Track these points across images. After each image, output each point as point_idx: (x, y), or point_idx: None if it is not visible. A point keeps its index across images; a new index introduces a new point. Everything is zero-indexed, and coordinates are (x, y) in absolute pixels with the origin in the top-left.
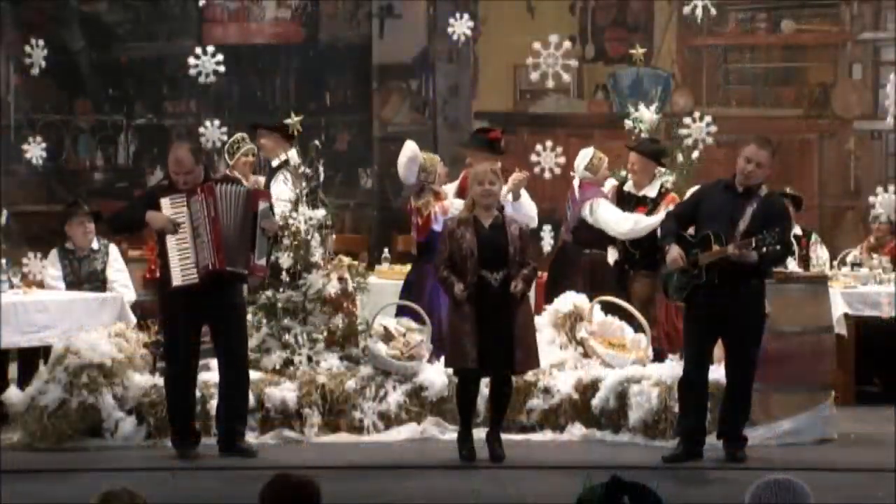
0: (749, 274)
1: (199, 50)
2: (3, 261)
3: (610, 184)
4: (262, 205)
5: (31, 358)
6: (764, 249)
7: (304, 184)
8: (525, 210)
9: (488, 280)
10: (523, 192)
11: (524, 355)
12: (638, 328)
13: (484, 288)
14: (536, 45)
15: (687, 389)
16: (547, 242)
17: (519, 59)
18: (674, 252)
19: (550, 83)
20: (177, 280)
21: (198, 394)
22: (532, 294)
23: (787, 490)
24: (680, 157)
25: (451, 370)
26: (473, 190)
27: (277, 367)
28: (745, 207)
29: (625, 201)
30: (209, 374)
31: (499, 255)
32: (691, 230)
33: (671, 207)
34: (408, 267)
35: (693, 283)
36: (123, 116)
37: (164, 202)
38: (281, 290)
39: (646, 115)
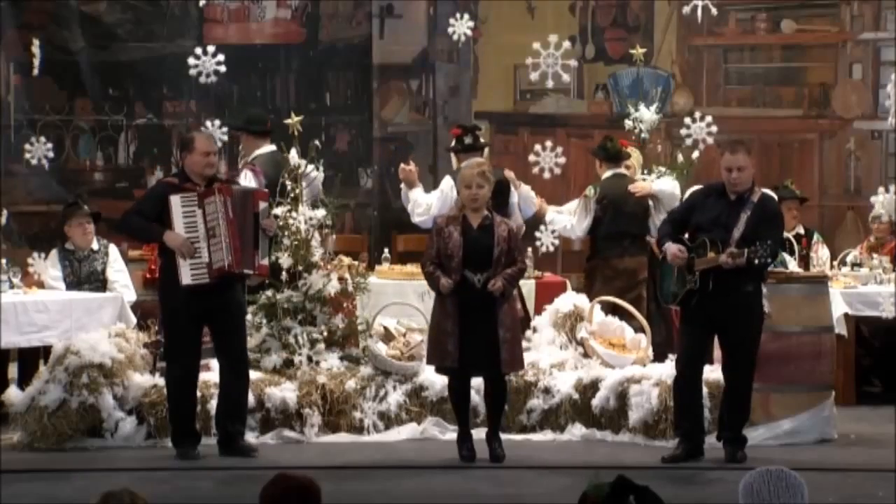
0: (745, 279)
1: (199, 50)
2: (3, 261)
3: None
4: (261, 205)
5: (31, 358)
6: (756, 262)
7: (304, 184)
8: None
9: (471, 280)
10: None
11: (509, 356)
12: (638, 328)
13: (467, 288)
14: (536, 45)
15: (681, 390)
16: (548, 243)
17: (519, 59)
18: (672, 248)
19: (550, 83)
20: (186, 279)
21: (198, 394)
22: (532, 295)
23: (781, 480)
24: (680, 157)
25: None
26: (461, 193)
27: (277, 367)
28: (739, 214)
29: None
30: (209, 374)
31: (483, 256)
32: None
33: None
34: (408, 267)
35: (687, 289)
36: (123, 116)
37: (175, 200)
38: (282, 290)
39: (646, 115)
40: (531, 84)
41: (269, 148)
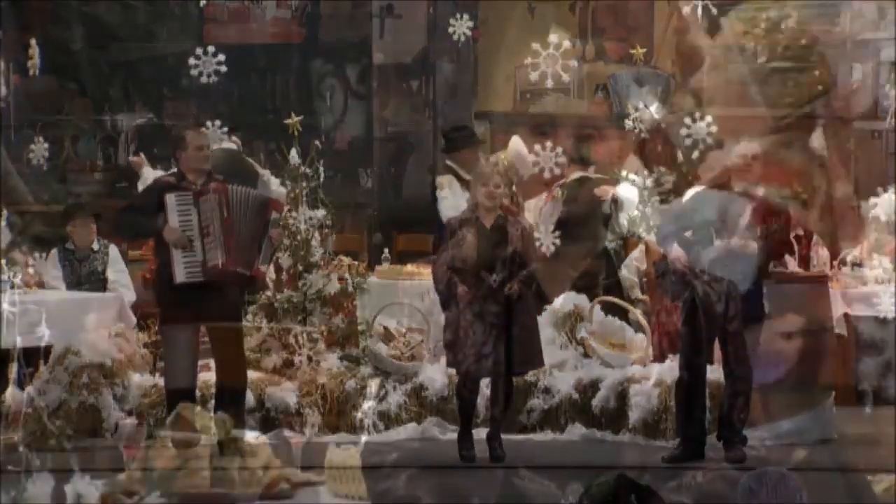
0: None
1: (199, 50)
2: (3, 261)
3: None
4: (274, 214)
5: (31, 358)
6: (767, 237)
7: (304, 184)
8: None
9: (487, 281)
10: None
11: (525, 356)
12: (638, 328)
13: (483, 289)
14: (536, 45)
15: (683, 391)
16: (548, 244)
17: (519, 59)
18: (676, 251)
19: (550, 83)
20: (180, 277)
21: (197, 394)
22: None
23: (779, 481)
24: (680, 157)
25: (453, 370)
26: (477, 191)
27: (277, 367)
28: (745, 206)
29: None
30: (209, 374)
31: (498, 257)
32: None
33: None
34: (408, 267)
35: (692, 283)
36: (123, 116)
37: (170, 199)
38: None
39: (646, 115)
40: (531, 84)
41: (227, 145)
